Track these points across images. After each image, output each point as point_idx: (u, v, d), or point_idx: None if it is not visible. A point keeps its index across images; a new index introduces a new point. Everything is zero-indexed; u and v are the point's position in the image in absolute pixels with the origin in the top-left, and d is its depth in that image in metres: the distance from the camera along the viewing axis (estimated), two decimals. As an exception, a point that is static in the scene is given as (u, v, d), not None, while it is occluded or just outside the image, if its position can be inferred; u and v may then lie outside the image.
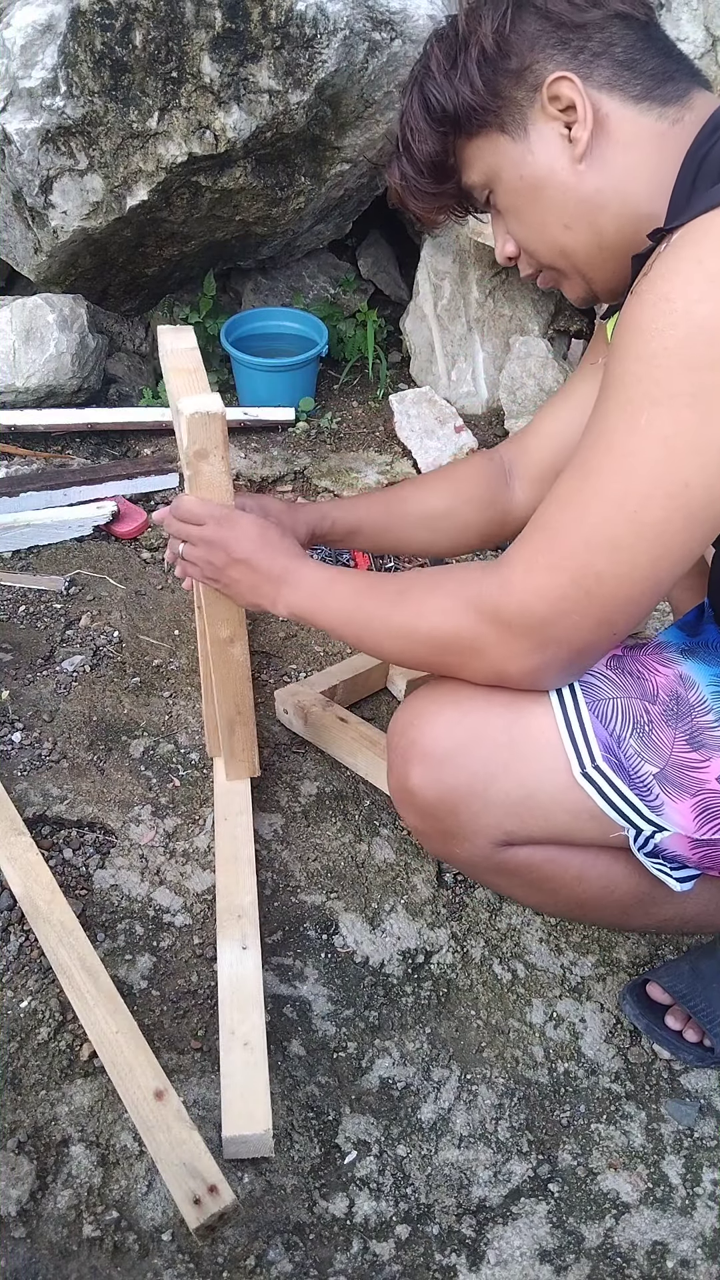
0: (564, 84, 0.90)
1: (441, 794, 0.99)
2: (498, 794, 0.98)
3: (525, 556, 0.87)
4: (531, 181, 0.95)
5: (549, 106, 0.92)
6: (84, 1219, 1.02)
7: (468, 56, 0.93)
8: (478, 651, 0.92)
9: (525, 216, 0.98)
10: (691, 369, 0.76)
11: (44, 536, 1.93)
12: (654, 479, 0.79)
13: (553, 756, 0.96)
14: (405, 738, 1.01)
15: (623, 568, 0.82)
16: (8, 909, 1.27)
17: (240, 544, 1.10)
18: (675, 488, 0.78)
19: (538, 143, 0.93)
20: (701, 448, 0.77)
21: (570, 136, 0.92)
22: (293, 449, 2.32)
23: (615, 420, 0.80)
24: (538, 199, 0.96)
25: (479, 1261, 1.05)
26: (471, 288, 2.53)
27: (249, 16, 2.01)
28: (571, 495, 0.84)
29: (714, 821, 0.94)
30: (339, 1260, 1.03)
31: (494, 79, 0.93)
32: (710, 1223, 1.09)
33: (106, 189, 2.15)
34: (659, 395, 0.77)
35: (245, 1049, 1.10)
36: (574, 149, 0.91)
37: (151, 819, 1.42)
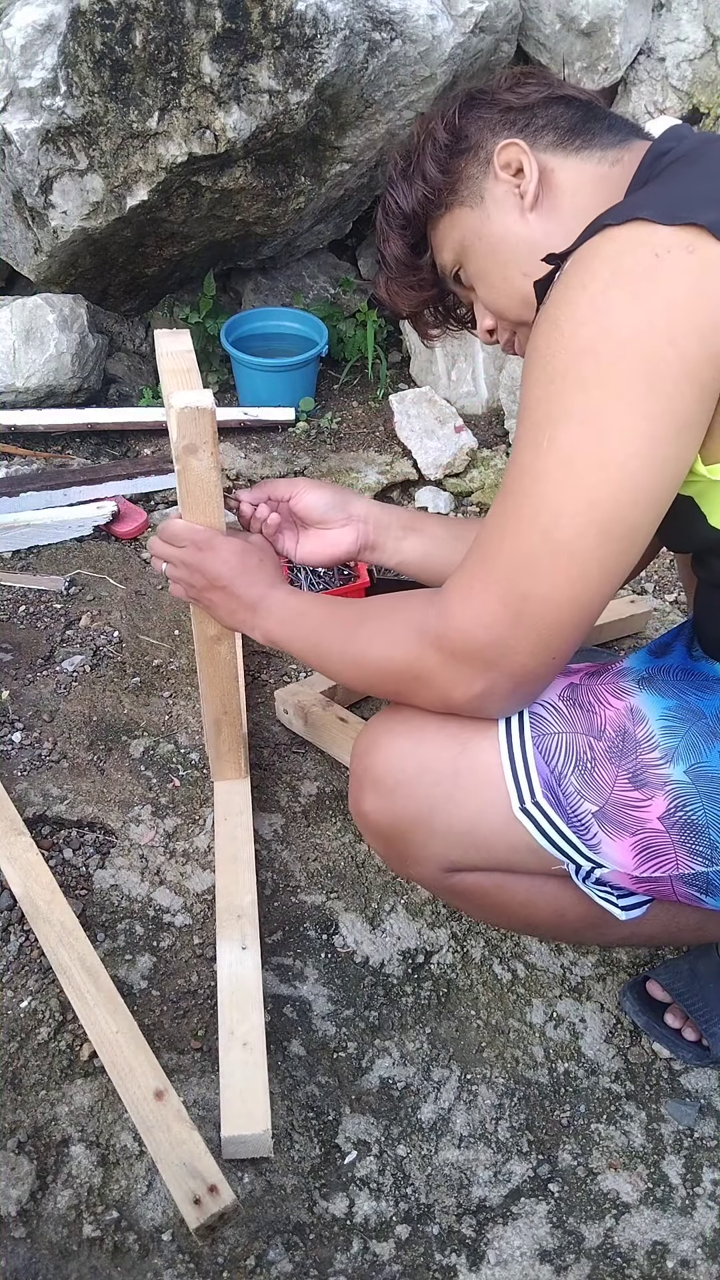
0: (511, 149, 0.98)
1: (391, 821, 1.01)
2: (442, 824, 0.99)
3: (461, 582, 0.88)
4: (491, 240, 1.02)
5: (501, 173, 1.00)
6: (84, 1219, 1.02)
7: (422, 151, 1.04)
8: (424, 680, 0.92)
9: (491, 276, 1.04)
10: (582, 389, 0.78)
11: (44, 536, 1.93)
12: (560, 497, 0.80)
13: (494, 790, 0.96)
14: (361, 763, 1.03)
15: (544, 588, 0.83)
16: (8, 909, 1.27)
17: (217, 570, 1.12)
18: (581, 505, 0.80)
19: (493, 205, 1.01)
20: (601, 464, 0.78)
21: (519, 190, 0.99)
22: (293, 449, 2.32)
23: (524, 443, 0.83)
24: (498, 254, 1.02)
25: (479, 1261, 1.05)
26: (471, 288, 2.53)
27: (249, 16, 2.01)
28: (495, 519, 0.86)
29: (654, 860, 0.93)
30: (339, 1260, 1.03)
31: (448, 161, 1.03)
32: (710, 1223, 1.09)
33: (106, 189, 2.15)
34: (556, 415, 0.80)
35: (244, 1049, 1.10)
36: (523, 202, 0.99)
37: (151, 819, 1.42)
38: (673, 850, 0.92)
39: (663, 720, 0.95)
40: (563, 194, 0.98)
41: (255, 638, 1.11)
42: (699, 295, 0.76)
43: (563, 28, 2.39)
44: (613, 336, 0.77)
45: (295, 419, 2.40)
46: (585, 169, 0.98)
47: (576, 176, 0.98)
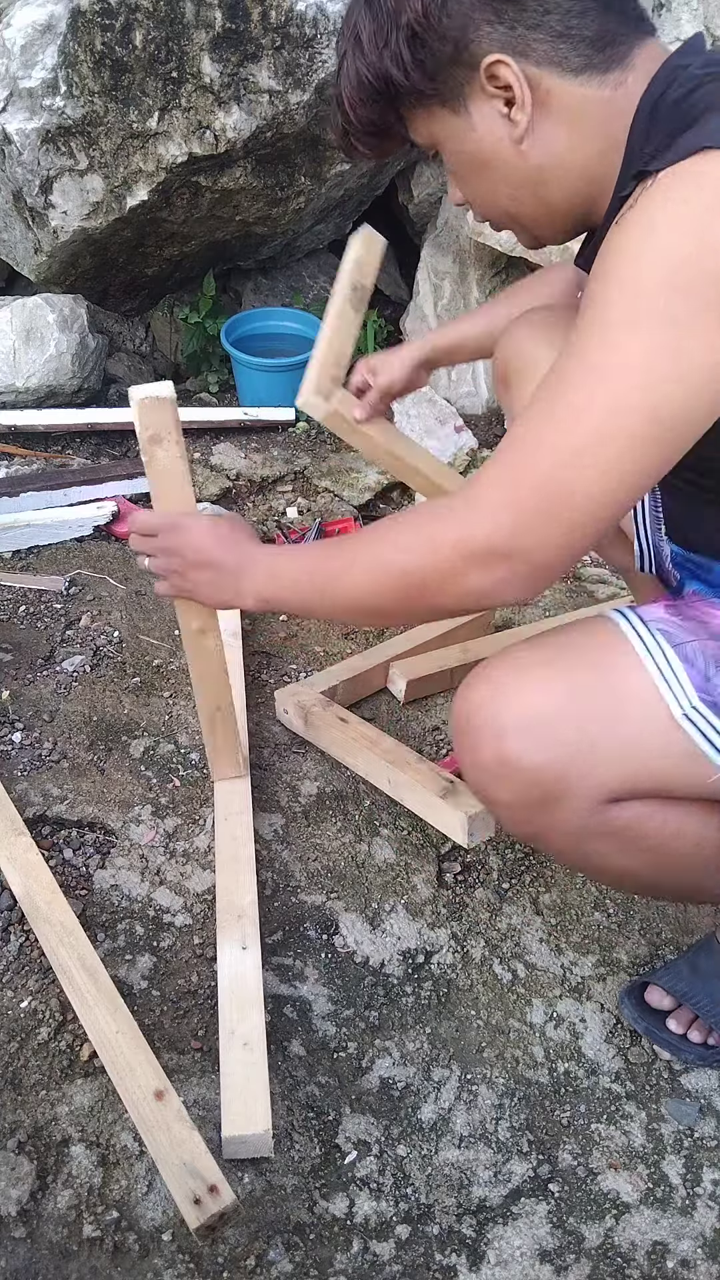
0: (501, 67, 0.89)
1: (549, 758, 0.95)
2: (605, 747, 0.96)
3: (490, 476, 0.89)
4: (475, 156, 0.96)
5: (487, 86, 0.91)
6: (84, 1219, 1.02)
7: (398, 35, 0.91)
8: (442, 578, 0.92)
9: (471, 184, 1.00)
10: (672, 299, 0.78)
11: (44, 536, 1.93)
12: (622, 399, 0.81)
13: (651, 703, 0.95)
14: (489, 711, 0.97)
15: (585, 483, 0.83)
16: (8, 909, 1.27)
17: (195, 545, 1.11)
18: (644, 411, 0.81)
19: (479, 120, 0.93)
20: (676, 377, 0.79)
21: (510, 116, 0.92)
22: (293, 449, 2.32)
23: (592, 339, 0.82)
24: (482, 172, 0.97)
25: (479, 1261, 1.05)
26: (471, 288, 2.53)
27: (249, 16, 2.01)
28: (542, 410, 0.86)
29: None
30: (339, 1260, 1.03)
31: (428, 61, 0.91)
32: (710, 1223, 1.09)
33: (106, 189, 2.15)
34: (636, 318, 0.80)
35: (245, 1049, 1.10)
36: (514, 130, 0.92)
37: (151, 819, 1.42)
38: None
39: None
40: (558, 122, 0.91)
41: (245, 605, 1.09)
42: None
43: (563, 28, 2.39)
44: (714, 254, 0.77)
45: (295, 419, 2.40)
46: (585, 94, 0.90)
47: (575, 103, 0.91)
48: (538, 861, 1.43)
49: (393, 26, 0.91)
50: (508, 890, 1.39)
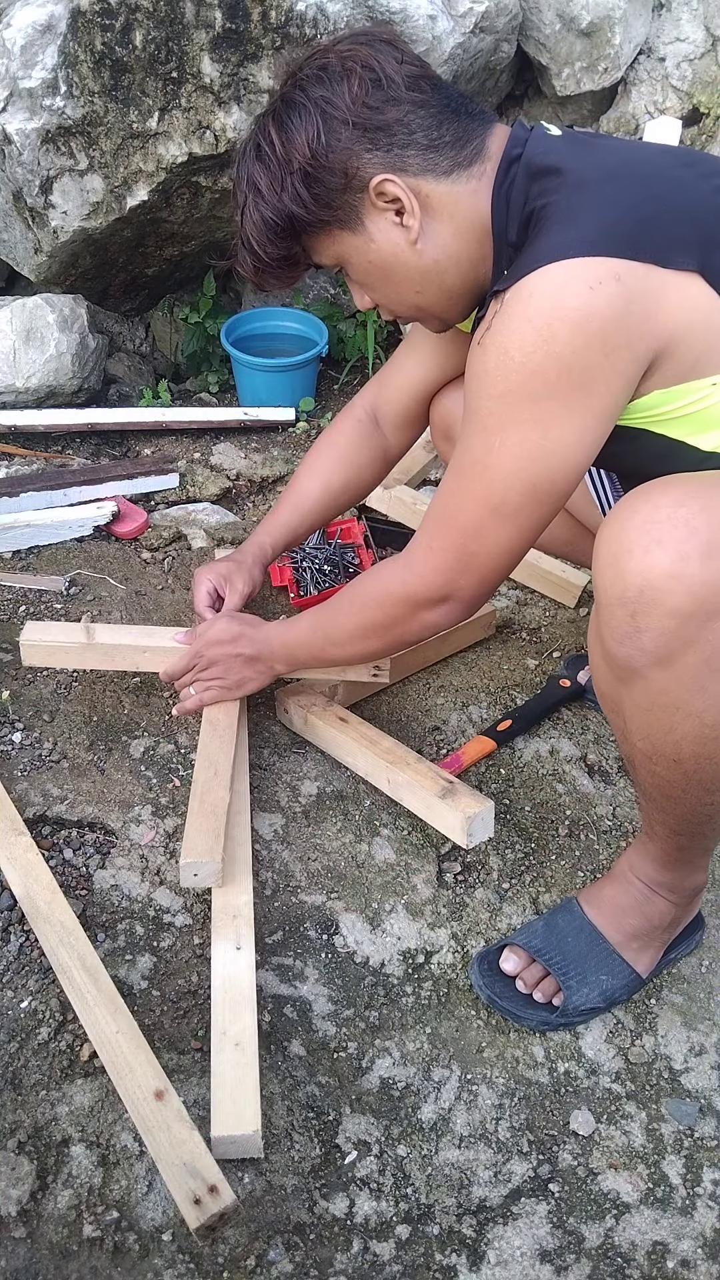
0: (387, 184, 1.06)
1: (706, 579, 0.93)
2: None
3: (422, 544, 1.17)
4: (379, 265, 1.12)
5: (378, 202, 1.08)
6: (84, 1219, 1.02)
7: (293, 178, 1.07)
8: (404, 619, 1.22)
9: (379, 289, 1.17)
10: (532, 401, 0.99)
11: (44, 537, 1.93)
12: (507, 483, 1.05)
13: None
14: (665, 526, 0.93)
15: (489, 546, 1.11)
16: (8, 909, 1.27)
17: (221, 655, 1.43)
18: (526, 487, 1.05)
19: (376, 233, 1.10)
20: (545, 455, 1.02)
21: (403, 224, 1.09)
22: (293, 449, 2.32)
23: (475, 441, 1.06)
24: (387, 277, 1.14)
25: (479, 1261, 1.05)
26: (471, 288, 2.53)
27: (249, 16, 2.01)
28: (449, 497, 1.12)
29: None
30: (339, 1260, 1.03)
31: (323, 194, 1.08)
32: (710, 1223, 1.09)
33: (106, 189, 2.15)
34: (507, 421, 1.02)
35: (236, 1049, 1.10)
36: (409, 234, 1.09)
37: (152, 819, 1.42)
38: None
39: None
40: (441, 218, 1.09)
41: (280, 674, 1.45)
42: (628, 314, 0.95)
43: (563, 28, 2.39)
44: (559, 359, 0.96)
45: (295, 419, 2.40)
46: (457, 190, 1.08)
47: (451, 199, 1.08)
48: (538, 862, 1.43)
49: (286, 172, 1.08)
50: (508, 890, 1.39)
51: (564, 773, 1.56)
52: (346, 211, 1.09)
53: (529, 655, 1.77)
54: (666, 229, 0.98)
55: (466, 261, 1.12)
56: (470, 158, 1.08)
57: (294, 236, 1.13)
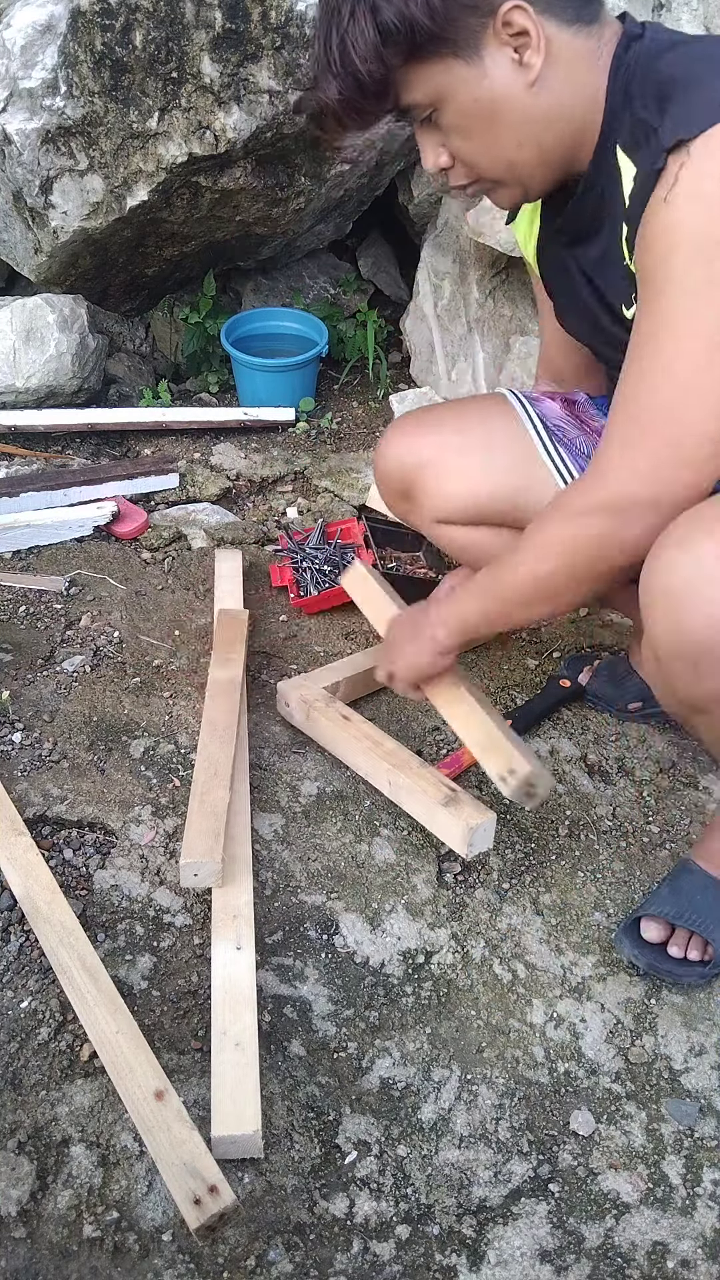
0: (518, 12, 0.96)
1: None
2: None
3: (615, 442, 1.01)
4: (488, 104, 1.01)
5: (502, 32, 0.97)
6: (84, 1219, 1.02)
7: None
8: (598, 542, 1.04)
9: (476, 135, 1.04)
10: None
11: (44, 537, 1.93)
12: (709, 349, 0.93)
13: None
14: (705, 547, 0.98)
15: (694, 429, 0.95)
16: (8, 909, 1.27)
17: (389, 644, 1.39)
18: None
19: (492, 67, 0.99)
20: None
21: (522, 61, 0.99)
22: (293, 449, 2.33)
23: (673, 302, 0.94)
24: (494, 121, 1.02)
25: (479, 1262, 1.05)
26: (471, 288, 2.53)
27: (249, 17, 2.01)
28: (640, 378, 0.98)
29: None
30: (339, 1260, 1.03)
31: (452, 6, 0.96)
32: (710, 1223, 1.09)
33: (106, 189, 2.15)
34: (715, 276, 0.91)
35: (237, 1049, 1.10)
36: (527, 74, 0.99)
37: (152, 819, 1.42)
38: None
39: None
40: (558, 68, 1.00)
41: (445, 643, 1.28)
42: None
43: (563, 28, 2.39)
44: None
45: (295, 419, 2.40)
46: (578, 44, 1.00)
47: (573, 51, 1.00)
48: (538, 861, 1.43)
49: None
50: (508, 890, 1.39)
51: (564, 773, 1.56)
52: (467, 35, 0.98)
53: (529, 655, 1.77)
54: None
55: (572, 122, 1.03)
56: (591, 16, 1.01)
57: (405, 53, 0.99)
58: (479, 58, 0.99)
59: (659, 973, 1.27)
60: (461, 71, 1.00)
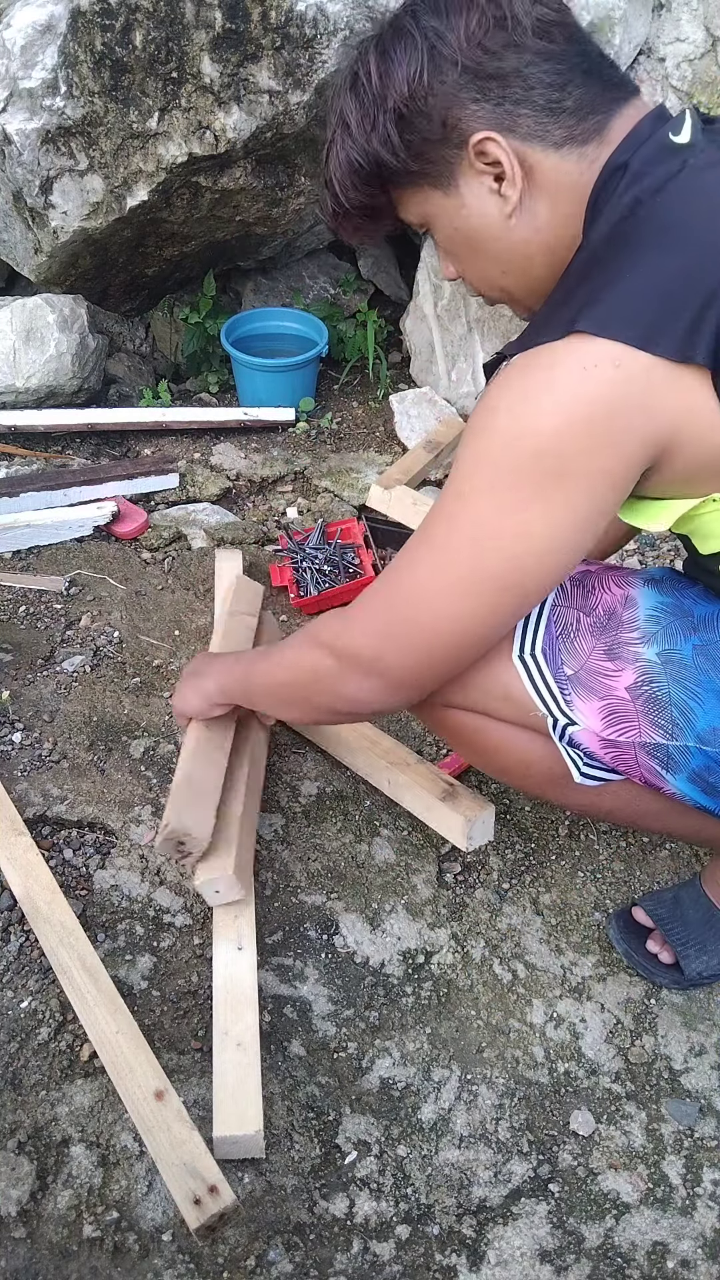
0: (489, 143, 0.91)
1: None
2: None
3: (366, 599, 1.04)
4: (467, 233, 0.98)
5: (476, 163, 0.93)
6: (84, 1219, 1.02)
7: (385, 117, 0.93)
8: (321, 678, 1.07)
9: (464, 260, 1.03)
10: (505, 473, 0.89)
11: (44, 537, 1.93)
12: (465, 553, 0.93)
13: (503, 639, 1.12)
14: None
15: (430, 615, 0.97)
16: (8, 909, 1.27)
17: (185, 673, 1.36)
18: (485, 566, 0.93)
19: (469, 197, 0.96)
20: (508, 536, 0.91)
21: (500, 192, 0.94)
22: (293, 449, 2.32)
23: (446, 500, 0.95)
24: (474, 248, 1.00)
25: (479, 1262, 1.05)
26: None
27: (249, 17, 2.01)
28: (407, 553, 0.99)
29: (619, 725, 1.05)
30: (339, 1260, 1.03)
31: (417, 142, 0.94)
32: (710, 1223, 1.09)
33: (106, 189, 2.15)
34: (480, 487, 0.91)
35: (238, 1049, 1.10)
36: (505, 205, 0.94)
37: (152, 819, 1.42)
38: (636, 719, 1.04)
39: (651, 611, 1.08)
40: (541, 196, 0.94)
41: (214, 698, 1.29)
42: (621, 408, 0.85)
43: (563, 28, 2.39)
44: (537, 436, 0.87)
45: (295, 419, 2.40)
46: (564, 169, 0.92)
47: (555, 178, 0.93)
48: (538, 862, 1.43)
49: (379, 110, 0.93)
50: (508, 890, 1.39)
51: (564, 773, 1.56)
52: (440, 167, 0.94)
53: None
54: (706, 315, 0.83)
55: (558, 252, 0.96)
56: (588, 134, 0.91)
57: (380, 184, 0.99)
58: (455, 187, 0.95)
59: (630, 962, 1.32)
60: (440, 200, 0.97)
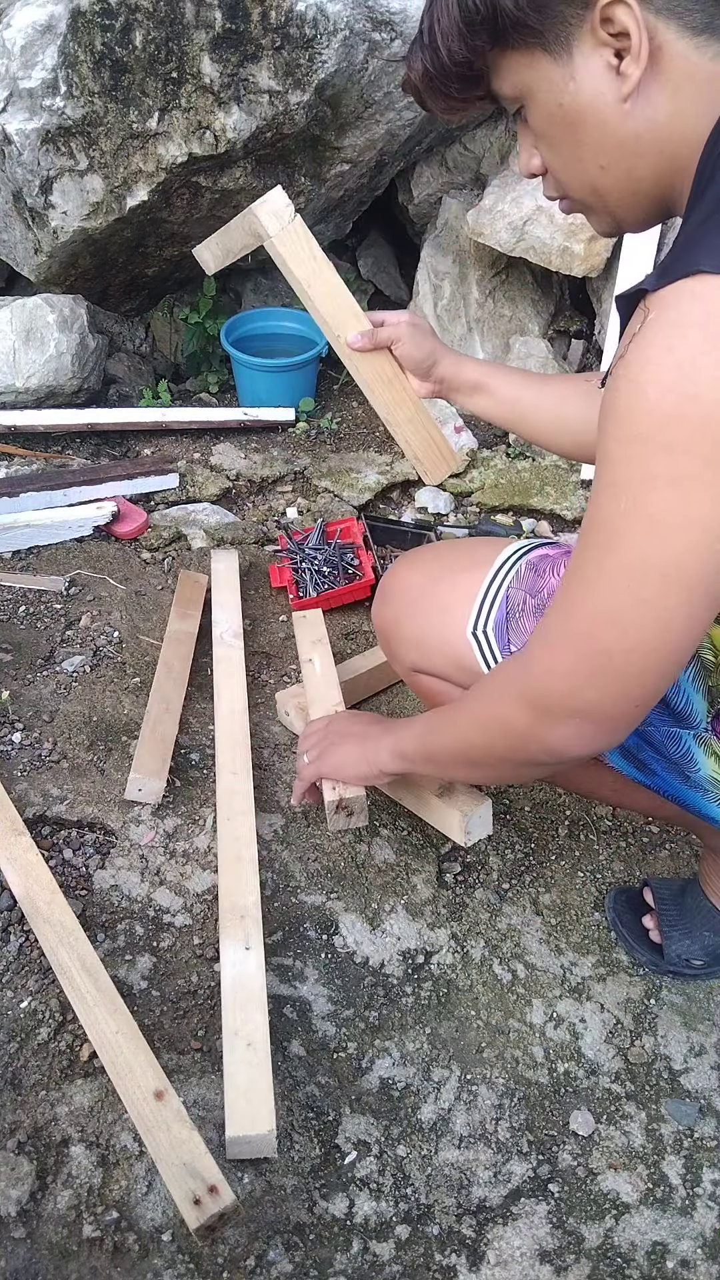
0: (620, 8, 0.79)
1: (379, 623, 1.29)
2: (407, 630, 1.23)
3: (542, 635, 0.91)
4: (571, 113, 0.86)
5: (600, 30, 0.81)
6: (84, 1219, 1.02)
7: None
8: (519, 733, 0.94)
9: (559, 147, 0.90)
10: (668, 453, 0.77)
11: (44, 537, 1.93)
12: (645, 556, 0.80)
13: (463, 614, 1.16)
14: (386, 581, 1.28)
15: (628, 642, 0.84)
16: (8, 909, 1.27)
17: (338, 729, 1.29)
18: (667, 565, 0.80)
19: (582, 69, 0.83)
20: (686, 526, 0.78)
21: (619, 69, 0.82)
22: (293, 449, 2.32)
23: (605, 499, 0.82)
24: (575, 133, 0.87)
25: (479, 1262, 1.05)
26: (471, 288, 2.54)
27: (249, 17, 2.01)
28: (577, 573, 0.86)
29: None
30: (339, 1260, 1.03)
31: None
32: (710, 1223, 1.09)
33: (106, 189, 2.15)
34: (640, 477, 0.78)
35: (248, 1049, 1.10)
36: (622, 85, 0.82)
37: (151, 819, 1.42)
38: None
39: None
40: (664, 86, 0.82)
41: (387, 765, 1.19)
42: None
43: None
44: (700, 403, 0.74)
45: (295, 419, 2.40)
46: (696, 63, 0.81)
47: (685, 69, 0.81)
48: (538, 862, 1.43)
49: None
50: (508, 890, 1.39)
51: (564, 773, 1.56)
52: (558, 27, 0.82)
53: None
54: None
55: (667, 158, 0.85)
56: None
57: (489, 37, 0.86)
58: (569, 56, 0.83)
59: (619, 935, 1.35)
60: (548, 69, 0.85)
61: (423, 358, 1.28)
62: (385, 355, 1.30)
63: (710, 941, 1.30)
